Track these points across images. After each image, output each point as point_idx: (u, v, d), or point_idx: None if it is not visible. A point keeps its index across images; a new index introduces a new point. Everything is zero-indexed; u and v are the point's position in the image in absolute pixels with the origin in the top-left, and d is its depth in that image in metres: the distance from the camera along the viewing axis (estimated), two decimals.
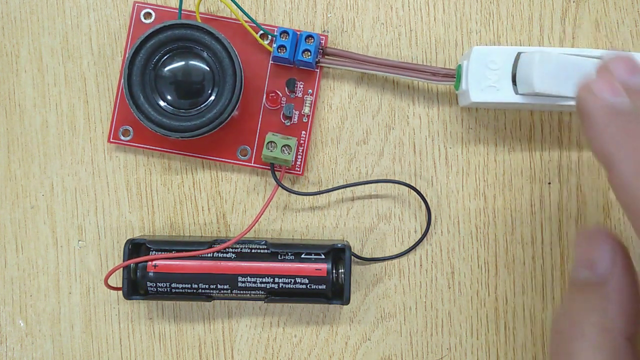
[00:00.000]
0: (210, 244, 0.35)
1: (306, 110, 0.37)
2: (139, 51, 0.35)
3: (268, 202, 0.35)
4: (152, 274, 0.34)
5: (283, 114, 0.37)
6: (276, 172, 0.36)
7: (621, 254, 0.23)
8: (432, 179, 0.37)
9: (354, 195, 0.37)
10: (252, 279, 0.35)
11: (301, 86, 0.37)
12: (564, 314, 0.24)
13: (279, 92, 0.37)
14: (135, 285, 0.35)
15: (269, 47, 0.36)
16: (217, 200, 0.38)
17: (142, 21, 0.37)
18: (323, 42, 0.37)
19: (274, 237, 0.37)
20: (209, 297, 0.35)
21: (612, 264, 0.23)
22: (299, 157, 0.37)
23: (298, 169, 0.37)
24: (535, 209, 0.37)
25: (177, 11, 0.36)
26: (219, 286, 0.35)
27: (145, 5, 0.37)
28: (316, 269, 0.35)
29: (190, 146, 0.37)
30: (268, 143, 0.35)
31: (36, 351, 0.37)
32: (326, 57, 0.37)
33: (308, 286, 0.35)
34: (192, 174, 0.38)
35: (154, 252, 0.35)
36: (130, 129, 0.37)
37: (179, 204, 0.38)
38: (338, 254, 0.35)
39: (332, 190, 0.37)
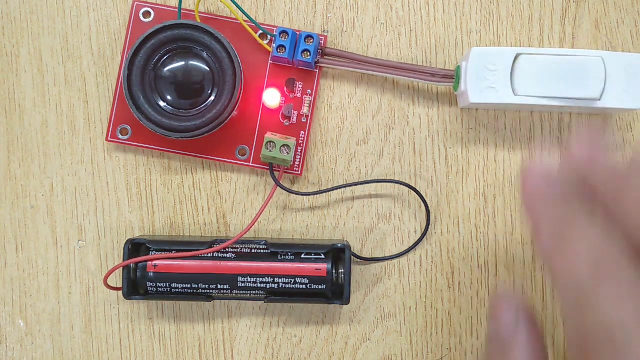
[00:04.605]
0: (210, 244, 0.35)
1: (305, 110, 0.37)
2: (139, 51, 0.35)
3: (267, 202, 0.35)
4: (152, 274, 0.35)
5: (282, 114, 0.37)
6: (275, 172, 0.36)
7: (524, 315, 0.26)
8: (432, 179, 0.37)
9: (354, 195, 0.37)
10: (252, 279, 0.35)
11: (300, 86, 0.37)
12: None
13: (279, 92, 0.37)
14: (135, 285, 0.35)
15: (268, 47, 0.36)
16: (217, 200, 0.38)
17: (141, 20, 0.37)
18: (322, 42, 0.37)
19: (274, 237, 0.37)
20: (209, 297, 0.35)
21: (516, 322, 0.26)
22: (298, 157, 0.37)
23: (297, 169, 0.37)
24: None
25: (177, 10, 0.36)
26: (219, 286, 0.35)
27: (145, 4, 0.37)
28: (316, 269, 0.35)
29: (189, 146, 0.37)
30: (267, 143, 0.35)
31: (36, 351, 0.37)
32: (325, 57, 0.37)
33: (308, 286, 0.35)
34: (192, 174, 0.38)
35: (154, 252, 0.35)
36: (129, 127, 0.37)
37: (179, 204, 0.38)
38: (338, 254, 0.35)
39: (332, 190, 0.37)
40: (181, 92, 0.35)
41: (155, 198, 0.38)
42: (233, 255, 0.35)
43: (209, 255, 0.35)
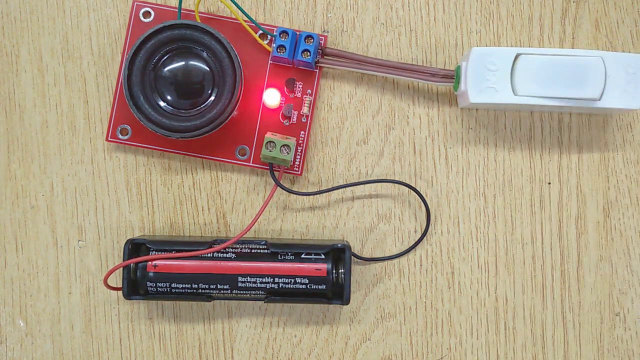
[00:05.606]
0: (210, 244, 0.35)
1: (305, 110, 0.37)
2: (139, 51, 0.35)
3: (267, 202, 0.35)
4: (152, 274, 0.35)
5: (282, 114, 0.37)
6: (275, 172, 0.36)
7: None
8: (432, 179, 0.37)
9: (354, 195, 0.37)
10: (252, 279, 0.35)
11: (300, 86, 0.37)
12: None
13: (278, 92, 0.37)
14: (135, 285, 0.35)
15: (268, 47, 0.36)
16: (217, 200, 0.38)
17: (141, 20, 0.37)
18: (322, 42, 0.37)
19: (274, 237, 0.37)
20: (209, 297, 0.35)
21: None
22: (298, 157, 0.37)
23: (297, 169, 0.37)
24: (535, 209, 0.37)
25: (177, 10, 0.36)
26: (219, 286, 0.35)
27: (145, 4, 0.37)
28: (316, 269, 0.35)
29: (189, 146, 0.37)
30: (267, 143, 0.35)
31: (36, 351, 0.37)
32: (325, 57, 0.37)
33: (308, 286, 0.35)
34: (192, 174, 0.38)
35: (154, 252, 0.35)
36: (129, 127, 0.37)
37: (179, 204, 0.38)
38: (338, 254, 0.35)
39: (332, 190, 0.37)
40: (181, 92, 0.35)
41: (155, 198, 0.38)
42: (233, 255, 0.35)
43: (209, 255, 0.35)
